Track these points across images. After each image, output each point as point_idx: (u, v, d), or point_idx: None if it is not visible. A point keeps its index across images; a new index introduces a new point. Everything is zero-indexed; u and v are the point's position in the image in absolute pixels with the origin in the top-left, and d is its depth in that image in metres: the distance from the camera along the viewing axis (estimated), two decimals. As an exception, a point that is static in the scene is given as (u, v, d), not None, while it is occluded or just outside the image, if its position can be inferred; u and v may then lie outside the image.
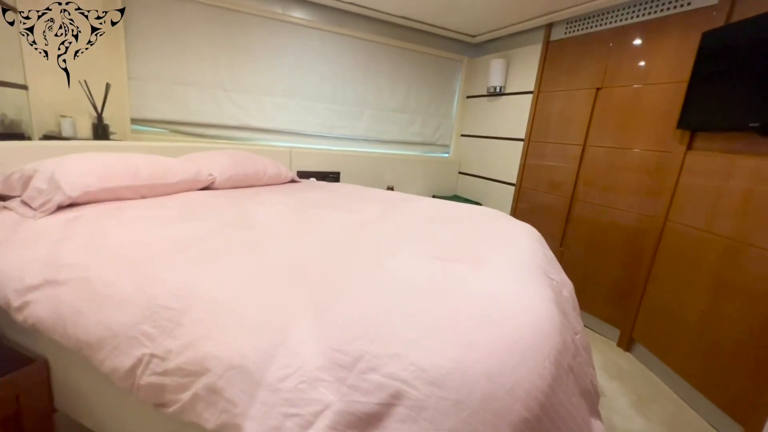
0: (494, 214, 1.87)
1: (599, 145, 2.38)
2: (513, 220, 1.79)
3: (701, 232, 1.79)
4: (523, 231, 1.54)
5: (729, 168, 1.68)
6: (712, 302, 1.70)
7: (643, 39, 2.14)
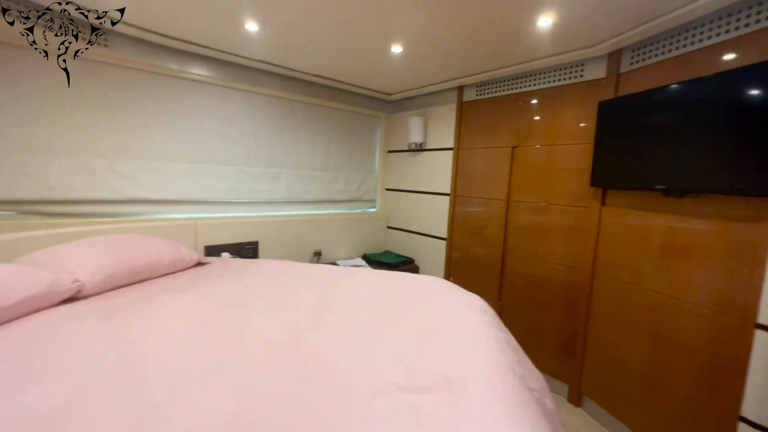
0: (440, 287, 1.72)
1: (522, 200, 2.47)
2: (461, 295, 1.65)
3: (628, 285, 1.87)
4: (481, 315, 1.39)
5: (643, 224, 1.80)
6: (651, 352, 1.75)
7: (547, 104, 2.33)
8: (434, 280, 1.82)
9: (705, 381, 1.53)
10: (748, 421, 1.38)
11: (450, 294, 1.64)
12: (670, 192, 1.64)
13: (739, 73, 1.40)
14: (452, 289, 1.71)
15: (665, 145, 1.64)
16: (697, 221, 1.57)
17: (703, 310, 1.54)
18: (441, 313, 1.39)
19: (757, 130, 1.33)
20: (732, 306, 1.44)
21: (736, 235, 1.44)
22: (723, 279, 1.48)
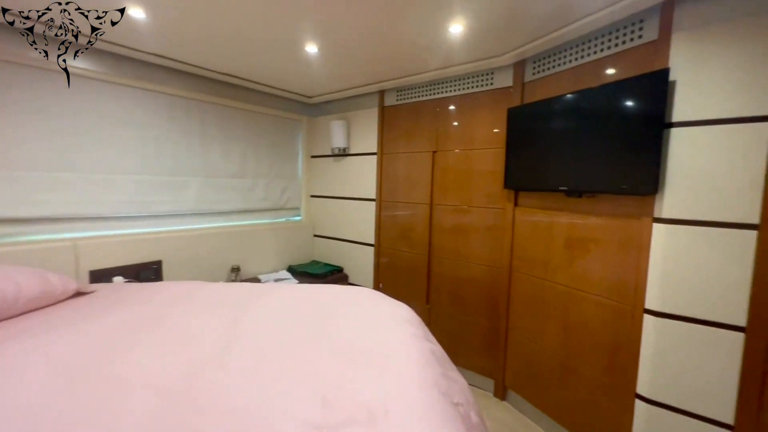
0: (365, 299, 1.65)
1: (445, 204, 2.52)
2: (387, 305, 1.59)
3: (541, 280, 1.99)
4: (407, 327, 1.34)
5: (550, 223, 1.94)
6: (563, 342, 1.88)
7: (463, 110, 2.41)
8: (360, 291, 1.75)
9: (607, 364, 1.68)
10: (642, 397, 1.53)
11: (376, 306, 1.57)
12: (571, 192, 1.78)
13: (618, 85, 1.56)
14: (378, 300, 1.64)
15: (565, 149, 1.78)
16: (594, 219, 1.73)
17: (602, 300, 1.69)
18: (365, 330, 1.31)
19: (633, 138, 1.50)
20: (625, 294, 1.60)
21: (624, 230, 1.61)
22: (617, 270, 1.64)
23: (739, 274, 1.32)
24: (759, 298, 1.29)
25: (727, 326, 1.35)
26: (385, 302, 1.63)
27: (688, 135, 1.39)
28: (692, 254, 1.40)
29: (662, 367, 1.48)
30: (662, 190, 1.45)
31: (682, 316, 1.43)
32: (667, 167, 1.44)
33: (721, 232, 1.35)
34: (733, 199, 1.32)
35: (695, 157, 1.38)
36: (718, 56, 1.33)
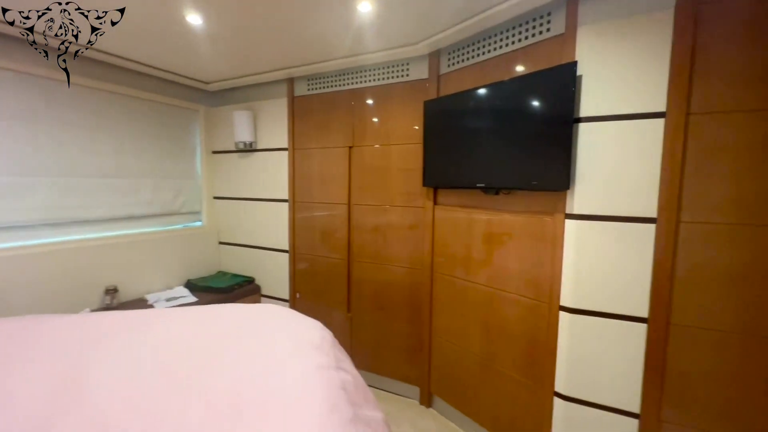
0: (268, 322, 1.38)
1: (363, 203, 2.33)
2: (294, 327, 1.34)
3: (462, 281, 1.92)
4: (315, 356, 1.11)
5: (469, 221, 1.87)
6: (484, 344, 1.82)
7: (380, 102, 2.24)
8: (262, 313, 1.47)
9: (527, 363, 1.65)
10: (560, 395, 1.52)
11: (279, 331, 1.31)
12: (489, 189, 1.72)
13: (528, 79, 1.52)
14: (283, 323, 1.39)
15: (480, 145, 1.71)
16: (511, 216, 1.68)
17: (521, 298, 1.66)
18: (259, 370, 1.05)
19: (544, 133, 1.47)
20: (542, 292, 1.58)
21: (539, 227, 1.58)
22: (534, 268, 1.61)
23: (641, 266, 1.36)
24: (657, 289, 1.34)
25: (632, 318, 1.38)
26: (292, 324, 1.38)
27: (595, 130, 1.39)
28: (601, 249, 1.41)
29: (577, 363, 1.48)
30: (573, 186, 1.44)
31: (593, 311, 1.44)
32: (577, 163, 1.43)
33: (624, 227, 1.37)
34: (635, 193, 1.35)
35: (602, 153, 1.39)
36: (620, 51, 1.34)
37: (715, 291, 1.28)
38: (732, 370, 1.28)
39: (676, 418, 1.36)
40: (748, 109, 1.21)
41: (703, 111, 1.25)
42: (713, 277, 1.28)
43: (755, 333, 1.25)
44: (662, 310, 1.34)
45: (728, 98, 1.23)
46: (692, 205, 1.29)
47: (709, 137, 1.26)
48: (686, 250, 1.30)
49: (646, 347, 1.36)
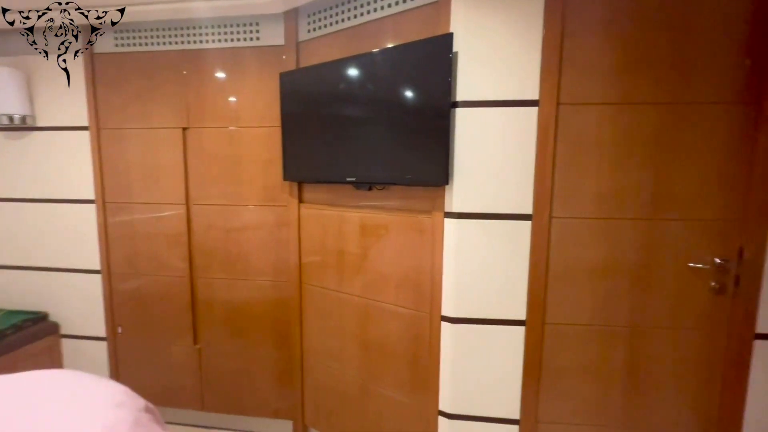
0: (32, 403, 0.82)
1: (208, 203, 1.80)
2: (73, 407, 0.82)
3: (335, 293, 1.61)
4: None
5: (341, 221, 1.56)
6: (363, 363, 1.57)
7: (224, 71, 1.72)
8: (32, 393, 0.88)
9: (410, 382, 1.45)
10: (444, 413, 1.36)
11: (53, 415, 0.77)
12: (360, 185, 1.44)
13: (400, 51, 1.28)
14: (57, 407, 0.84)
15: (348, 131, 1.41)
16: (387, 216, 1.44)
17: (400, 310, 1.44)
18: None
19: (419, 119, 1.25)
20: (422, 301, 1.39)
21: (418, 228, 1.37)
22: (413, 275, 1.40)
23: (519, 266, 1.26)
24: (534, 290, 1.27)
25: (512, 322, 1.29)
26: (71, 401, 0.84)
27: (473, 118, 1.22)
28: (482, 251, 1.27)
29: (462, 377, 1.33)
30: (452, 181, 1.26)
31: (475, 319, 1.30)
32: (455, 155, 1.24)
33: (503, 225, 1.25)
34: (513, 189, 1.23)
35: (482, 144, 1.23)
36: (494, 26, 1.18)
37: (583, 286, 1.27)
38: (596, 361, 1.29)
39: (550, 417, 1.33)
40: (609, 102, 1.19)
41: (571, 102, 1.19)
42: (581, 273, 1.26)
43: (615, 324, 1.28)
44: (538, 310, 1.27)
45: (592, 90, 1.19)
46: (563, 200, 1.23)
47: (576, 130, 1.21)
48: (558, 247, 1.25)
49: (524, 350, 1.29)
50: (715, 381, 1.26)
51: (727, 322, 1.23)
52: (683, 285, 1.24)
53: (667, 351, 1.27)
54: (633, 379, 1.29)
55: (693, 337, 1.26)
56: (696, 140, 1.18)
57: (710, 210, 1.21)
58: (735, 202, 1.19)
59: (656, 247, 1.24)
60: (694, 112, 1.17)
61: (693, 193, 1.20)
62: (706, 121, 1.17)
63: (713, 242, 1.21)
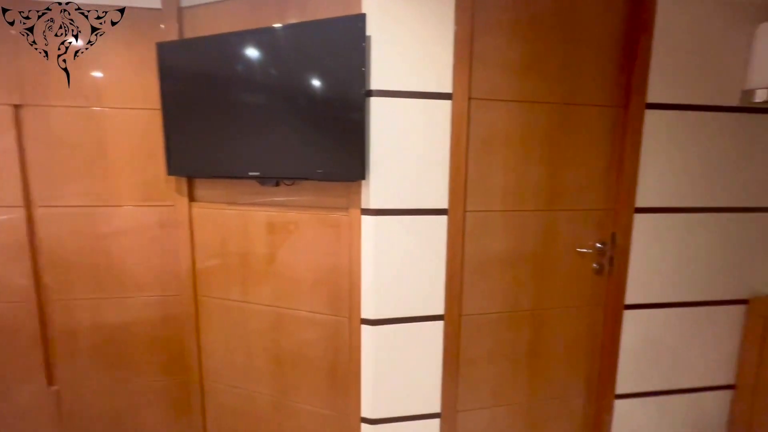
0: None
1: (63, 205, 1.41)
2: None
3: (240, 304, 1.41)
4: None
5: (243, 221, 1.36)
6: (277, 379, 1.41)
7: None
8: None
9: (330, 392, 1.35)
10: (367, 420, 1.30)
11: None
12: (266, 180, 1.26)
13: (308, 28, 1.14)
14: None
15: (248, 116, 1.22)
16: (298, 214, 1.30)
17: (317, 316, 1.33)
18: None
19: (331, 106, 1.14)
20: (340, 305, 1.29)
21: (333, 226, 1.27)
22: (329, 276, 1.29)
23: (437, 262, 1.26)
24: (451, 283, 1.28)
25: (432, 317, 1.28)
26: None
27: (389, 108, 1.16)
28: (399, 248, 1.23)
29: (384, 380, 1.28)
30: (369, 176, 1.18)
31: (396, 318, 1.26)
32: (371, 147, 1.17)
33: (421, 221, 1.23)
34: (429, 183, 1.21)
35: (398, 136, 1.17)
36: (408, 15, 1.13)
37: (494, 276, 1.32)
38: (506, 346, 1.37)
39: (468, 404, 1.37)
40: (514, 99, 1.24)
41: (481, 97, 1.22)
42: (492, 264, 1.31)
43: (521, 309, 1.37)
44: (455, 303, 1.29)
45: (500, 87, 1.23)
46: (476, 194, 1.26)
47: (487, 125, 1.24)
48: (472, 241, 1.28)
49: (443, 344, 1.30)
50: (596, 347, 1.45)
51: (605, 297, 1.42)
52: (573, 268, 1.39)
53: (561, 327, 1.41)
54: (535, 357, 1.40)
55: (580, 313, 1.42)
56: (580, 139, 1.31)
57: (592, 201, 1.36)
58: (610, 194, 1.37)
59: (552, 235, 1.35)
60: (579, 113, 1.30)
61: (579, 186, 1.34)
62: (588, 122, 1.31)
63: (594, 229, 1.38)
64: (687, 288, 1.40)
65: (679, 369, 1.45)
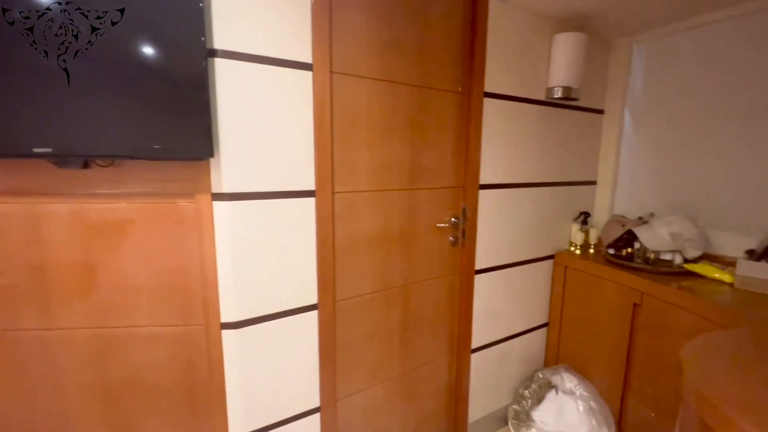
0: None
1: None
2: None
3: (40, 333, 1.03)
4: None
5: (33, 220, 0.98)
6: (108, 423, 1.09)
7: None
8: None
9: (187, 416, 1.12)
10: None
11: None
12: (66, 160, 0.93)
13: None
14: None
15: (37, 70, 0.87)
16: (124, 203, 1.01)
17: (162, 330, 1.07)
18: None
19: (164, 63, 0.91)
20: (193, 312, 1.07)
21: (174, 217, 1.03)
22: (175, 279, 1.06)
23: (306, 249, 1.17)
24: (322, 270, 1.21)
25: (304, 309, 1.19)
26: None
27: (240, 73, 0.99)
28: (262, 237, 1.09)
29: (254, 388, 1.13)
30: (219, 154, 0.99)
31: (265, 316, 1.12)
32: (219, 119, 0.98)
33: (285, 204, 1.11)
34: (293, 163, 1.10)
35: (254, 107, 1.02)
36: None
37: (365, 258, 1.32)
38: (379, 325, 1.40)
39: (347, 391, 1.35)
40: (376, 78, 1.23)
41: (344, 71, 1.17)
42: (362, 245, 1.30)
43: (392, 286, 1.40)
44: (329, 290, 1.23)
45: (362, 63, 1.20)
46: (343, 174, 1.22)
47: (351, 102, 1.20)
48: (342, 223, 1.24)
49: (319, 335, 1.23)
50: (455, 311, 1.62)
51: (460, 266, 1.59)
52: (434, 242, 1.50)
53: (426, 298, 1.51)
54: (406, 330, 1.47)
55: (442, 282, 1.56)
56: (436, 121, 1.41)
57: (447, 179, 1.49)
58: (460, 173, 1.52)
59: (415, 213, 1.43)
60: (435, 97, 1.39)
61: (436, 166, 1.45)
62: (442, 106, 1.41)
63: (450, 205, 1.52)
64: (519, 250, 1.69)
65: (514, 318, 1.75)
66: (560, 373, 1.67)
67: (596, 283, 1.62)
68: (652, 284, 1.38)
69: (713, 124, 1.51)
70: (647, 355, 1.41)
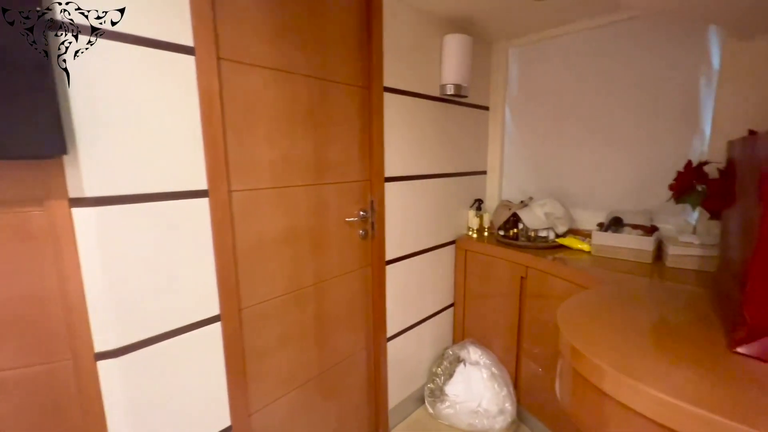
0: None
1: None
2: None
3: None
4: None
5: None
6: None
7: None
8: None
9: (53, 472, 0.92)
10: (128, 481, 0.97)
11: None
12: None
13: None
14: None
15: None
16: (-71, 219, 0.76)
17: (14, 374, 0.85)
18: None
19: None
20: (55, 346, 0.87)
21: (19, 229, 0.82)
22: (21, 310, 0.84)
23: (202, 255, 1.05)
24: (223, 277, 1.10)
25: (204, 322, 1.07)
26: None
27: (98, 51, 0.82)
28: (143, 248, 0.93)
29: (145, 421, 0.98)
30: (77, 149, 0.82)
31: (152, 338, 0.97)
32: (73, 107, 0.80)
33: (171, 207, 0.97)
34: (179, 158, 0.97)
35: (119, 92, 0.86)
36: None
37: (272, 259, 1.24)
38: (293, 327, 1.34)
39: (261, 402, 1.27)
40: (271, 67, 1.15)
41: (234, 59, 1.06)
42: (268, 246, 1.22)
43: (304, 285, 1.35)
44: (232, 298, 1.13)
45: (254, 50, 1.11)
46: (240, 171, 1.12)
47: (244, 92, 1.10)
48: (243, 223, 1.14)
49: (224, 348, 1.12)
50: (369, 303, 1.64)
51: (371, 258, 1.61)
52: (344, 237, 1.49)
53: (340, 294, 1.50)
54: (321, 329, 1.44)
55: (355, 277, 1.56)
56: (339, 114, 1.39)
57: (353, 173, 1.49)
58: (366, 166, 1.53)
59: (322, 209, 1.39)
60: (336, 90, 1.37)
61: (342, 160, 1.43)
62: (343, 99, 1.40)
63: (358, 199, 1.52)
64: (425, 238, 1.79)
65: (424, 302, 1.85)
66: (467, 347, 1.83)
67: (491, 263, 1.81)
68: (533, 258, 1.59)
69: (570, 119, 1.81)
70: (533, 320, 1.63)
